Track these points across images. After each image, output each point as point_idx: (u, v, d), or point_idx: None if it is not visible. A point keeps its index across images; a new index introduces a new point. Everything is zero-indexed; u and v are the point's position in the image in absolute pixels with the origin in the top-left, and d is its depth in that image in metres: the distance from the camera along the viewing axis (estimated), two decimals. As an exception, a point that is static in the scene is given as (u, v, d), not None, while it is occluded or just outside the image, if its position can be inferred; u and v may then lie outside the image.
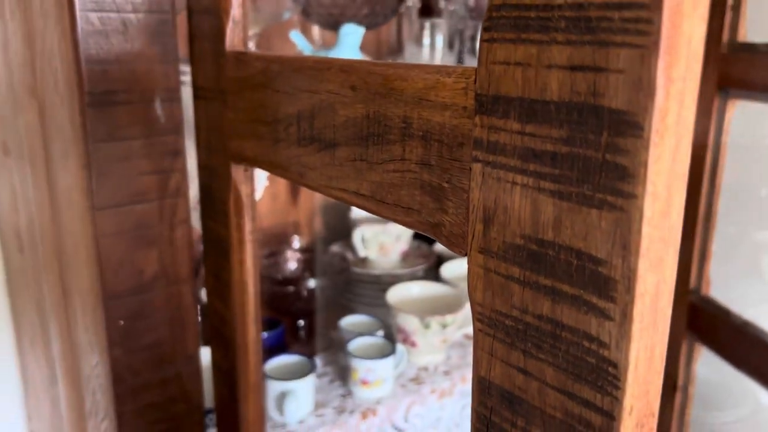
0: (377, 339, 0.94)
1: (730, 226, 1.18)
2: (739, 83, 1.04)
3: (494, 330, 0.34)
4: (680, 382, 1.21)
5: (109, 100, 0.58)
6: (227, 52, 0.60)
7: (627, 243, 0.27)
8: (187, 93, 0.62)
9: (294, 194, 1.24)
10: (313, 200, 1.27)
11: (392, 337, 0.98)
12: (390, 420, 0.90)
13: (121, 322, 0.62)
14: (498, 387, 0.35)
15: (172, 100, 0.61)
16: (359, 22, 0.83)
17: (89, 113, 0.57)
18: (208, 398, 0.74)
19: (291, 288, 0.97)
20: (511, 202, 0.32)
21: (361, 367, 0.89)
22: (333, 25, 0.85)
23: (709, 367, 1.27)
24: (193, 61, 0.61)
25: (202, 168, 0.62)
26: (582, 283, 0.29)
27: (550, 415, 0.32)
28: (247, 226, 0.63)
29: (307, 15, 0.86)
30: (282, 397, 0.83)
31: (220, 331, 0.66)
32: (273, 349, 0.92)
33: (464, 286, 1.05)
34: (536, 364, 0.32)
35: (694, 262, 1.15)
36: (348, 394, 0.91)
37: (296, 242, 1.12)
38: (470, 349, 1.05)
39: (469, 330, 1.04)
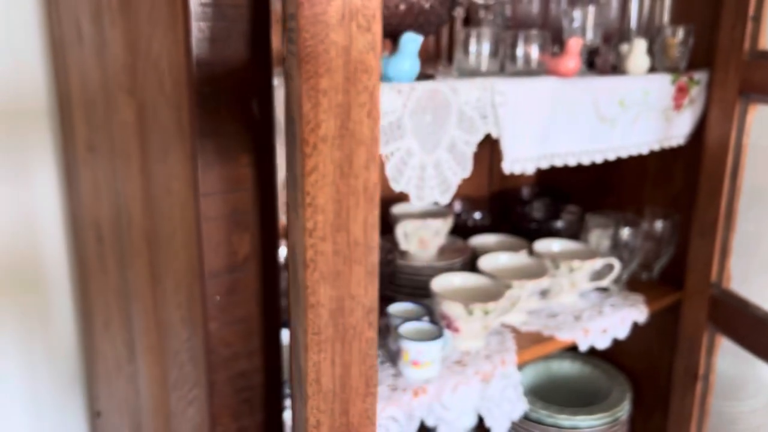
0: (425, 324, 1.01)
1: (750, 223, 1.25)
2: (760, 88, 1.11)
3: None
4: (701, 371, 1.27)
5: (213, 100, 0.66)
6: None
7: (295, 251, 0.26)
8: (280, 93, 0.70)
9: (336, 192, 1.32)
10: (353, 198, 1.34)
11: (436, 323, 1.05)
12: (438, 398, 0.97)
13: (218, 298, 0.69)
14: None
15: (266, 100, 0.69)
16: (415, 32, 0.91)
17: (197, 111, 0.65)
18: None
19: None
20: None
21: (413, 349, 0.96)
22: (389, 34, 0.92)
23: (728, 359, 1.34)
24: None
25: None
26: (293, 290, 0.30)
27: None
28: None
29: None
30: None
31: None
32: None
33: (501, 276, 1.13)
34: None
35: (715, 257, 1.22)
36: (398, 374, 0.98)
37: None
38: (507, 336, 1.12)
39: (507, 318, 1.11)
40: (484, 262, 1.18)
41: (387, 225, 1.29)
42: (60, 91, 0.99)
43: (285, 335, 0.78)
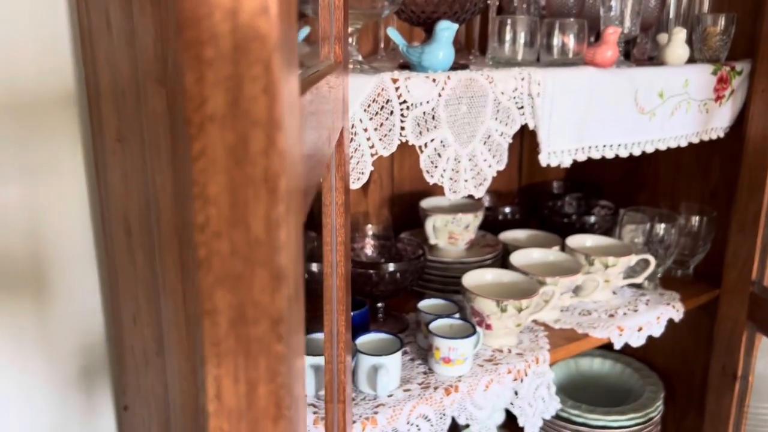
0: (456, 320, 0.99)
1: (792, 219, 1.21)
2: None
3: None
4: (740, 372, 1.24)
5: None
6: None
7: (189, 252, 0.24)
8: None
9: (364, 187, 1.30)
10: (381, 192, 1.32)
11: (468, 320, 1.03)
12: (470, 396, 0.95)
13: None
14: None
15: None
16: (449, 20, 0.88)
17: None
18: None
19: (371, 272, 1.02)
20: None
21: (444, 346, 0.94)
22: (423, 22, 0.90)
23: (766, 359, 1.30)
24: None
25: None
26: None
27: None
28: (332, 210, 0.68)
29: (398, 13, 0.91)
30: (374, 371, 0.88)
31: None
32: (358, 327, 0.97)
33: (534, 273, 1.10)
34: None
35: (756, 253, 1.18)
36: (429, 371, 0.96)
37: (371, 230, 1.18)
38: (540, 334, 1.09)
39: (540, 316, 1.08)
40: (516, 258, 1.16)
41: (417, 219, 1.27)
42: (89, 80, 0.98)
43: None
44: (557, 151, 0.95)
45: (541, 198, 1.46)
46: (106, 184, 0.99)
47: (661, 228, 1.26)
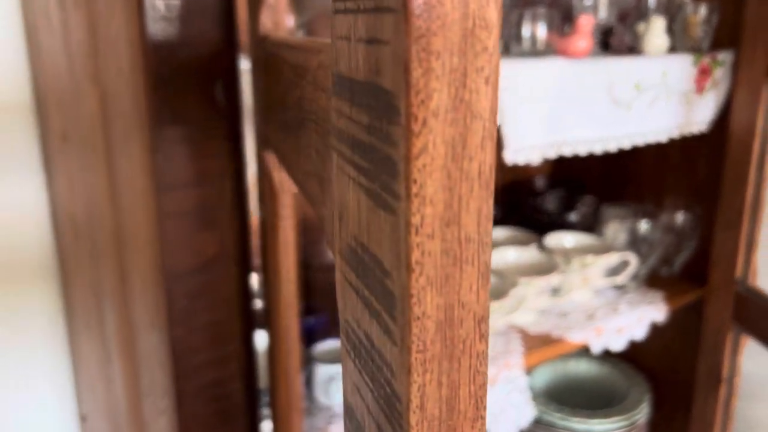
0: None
1: (778, 215, 1.16)
2: (789, 70, 1.02)
3: (347, 341, 0.29)
4: (725, 373, 1.19)
5: (173, 84, 0.60)
6: (260, 36, 0.61)
7: (398, 253, 0.22)
8: (246, 79, 0.64)
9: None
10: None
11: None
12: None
13: (183, 301, 0.63)
14: (350, 405, 0.29)
15: (232, 84, 0.62)
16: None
17: (154, 97, 0.59)
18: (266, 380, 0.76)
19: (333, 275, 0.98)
20: (348, 198, 0.27)
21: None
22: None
23: (755, 358, 1.26)
24: (250, 47, 0.62)
25: (256, 152, 0.64)
26: (381, 299, 0.24)
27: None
28: (282, 213, 0.64)
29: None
30: (329, 380, 0.84)
31: (268, 315, 0.68)
32: (318, 334, 0.94)
33: (508, 273, 1.06)
34: (365, 386, 0.27)
35: (740, 251, 1.13)
36: (394, 378, 0.92)
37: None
38: (514, 338, 1.05)
39: (514, 318, 1.04)
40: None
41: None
42: (35, 79, 0.94)
43: (260, 339, 0.72)
44: (524, 148, 0.90)
45: (523, 195, 1.42)
46: (54, 185, 0.95)
47: (644, 225, 1.22)
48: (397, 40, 0.20)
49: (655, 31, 1.04)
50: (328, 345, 0.89)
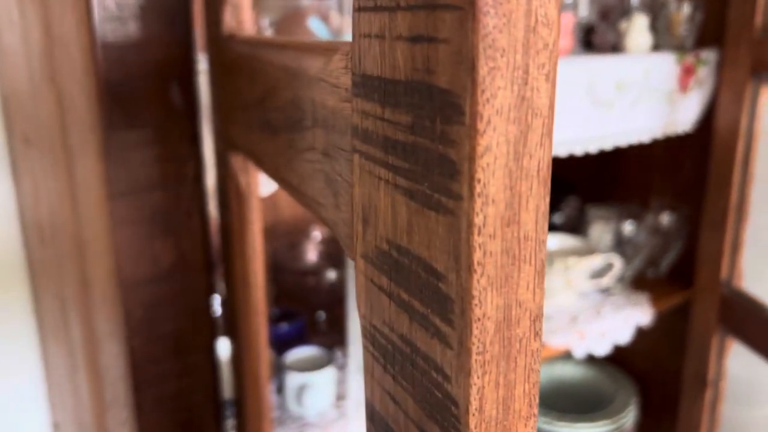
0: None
1: (764, 215, 1.14)
2: (774, 68, 1.00)
3: (373, 347, 0.29)
4: (711, 377, 1.17)
5: (126, 86, 0.58)
6: (224, 36, 0.59)
7: (458, 254, 0.22)
8: (204, 79, 0.61)
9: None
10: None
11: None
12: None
13: (140, 311, 0.61)
14: (378, 413, 0.29)
15: (189, 85, 0.60)
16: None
17: (106, 100, 0.57)
18: (231, 390, 0.73)
19: (311, 279, 0.96)
20: (378, 200, 0.26)
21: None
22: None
23: (740, 361, 1.24)
24: (208, 46, 0.60)
25: (216, 155, 0.62)
26: (428, 301, 0.24)
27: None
28: (249, 217, 0.62)
29: None
30: (301, 389, 0.82)
31: (231, 322, 0.65)
32: (293, 340, 0.91)
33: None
34: (401, 392, 0.27)
35: (725, 253, 1.11)
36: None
37: (317, 233, 1.11)
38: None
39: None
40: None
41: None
42: (1, 77, 0.92)
43: (222, 348, 0.70)
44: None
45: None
46: (21, 189, 0.93)
47: (629, 226, 1.20)
48: (459, 37, 0.20)
49: (638, 30, 1.02)
50: (301, 352, 0.87)
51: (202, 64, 0.62)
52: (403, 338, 0.25)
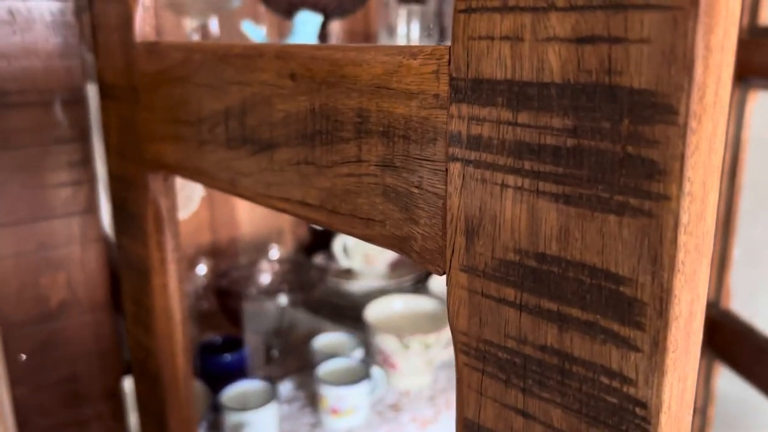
0: (351, 361, 0.85)
1: (754, 229, 1.06)
2: (761, 71, 0.93)
3: (484, 364, 0.29)
4: (698, 404, 1.09)
5: (0, 102, 0.50)
6: (137, 43, 0.52)
7: (658, 256, 0.22)
8: (94, 93, 0.54)
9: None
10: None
11: (372, 358, 0.89)
12: (363, 453, 0.81)
13: (23, 356, 0.54)
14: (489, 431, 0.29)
15: (76, 101, 0.53)
16: (324, 10, 0.74)
17: (-26, 118, 0.50)
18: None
19: (262, 303, 0.89)
20: (501, 209, 0.27)
21: (331, 395, 0.80)
22: (286, 10, 0.76)
23: (729, 385, 1.16)
24: (98, 56, 0.53)
25: (115, 178, 0.54)
26: (598, 307, 0.24)
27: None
28: (169, 244, 0.55)
29: (266, 2, 0.77)
30: (238, 429, 0.74)
31: (145, 365, 0.58)
32: (235, 372, 0.84)
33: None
34: (540, 404, 0.27)
35: (712, 271, 1.03)
36: (317, 423, 0.82)
37: (274, 252, 1.04)
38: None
39: (459, 349, 0.95)
40: (435, 283, 1.02)
41: (325, 239, 1.13)
42: None
43: (128, 385, 0.63)
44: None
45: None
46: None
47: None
48: (671, 37, 0.20)
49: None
50: (240, 387, 0.80)
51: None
52: (546, 349, 0.26)
